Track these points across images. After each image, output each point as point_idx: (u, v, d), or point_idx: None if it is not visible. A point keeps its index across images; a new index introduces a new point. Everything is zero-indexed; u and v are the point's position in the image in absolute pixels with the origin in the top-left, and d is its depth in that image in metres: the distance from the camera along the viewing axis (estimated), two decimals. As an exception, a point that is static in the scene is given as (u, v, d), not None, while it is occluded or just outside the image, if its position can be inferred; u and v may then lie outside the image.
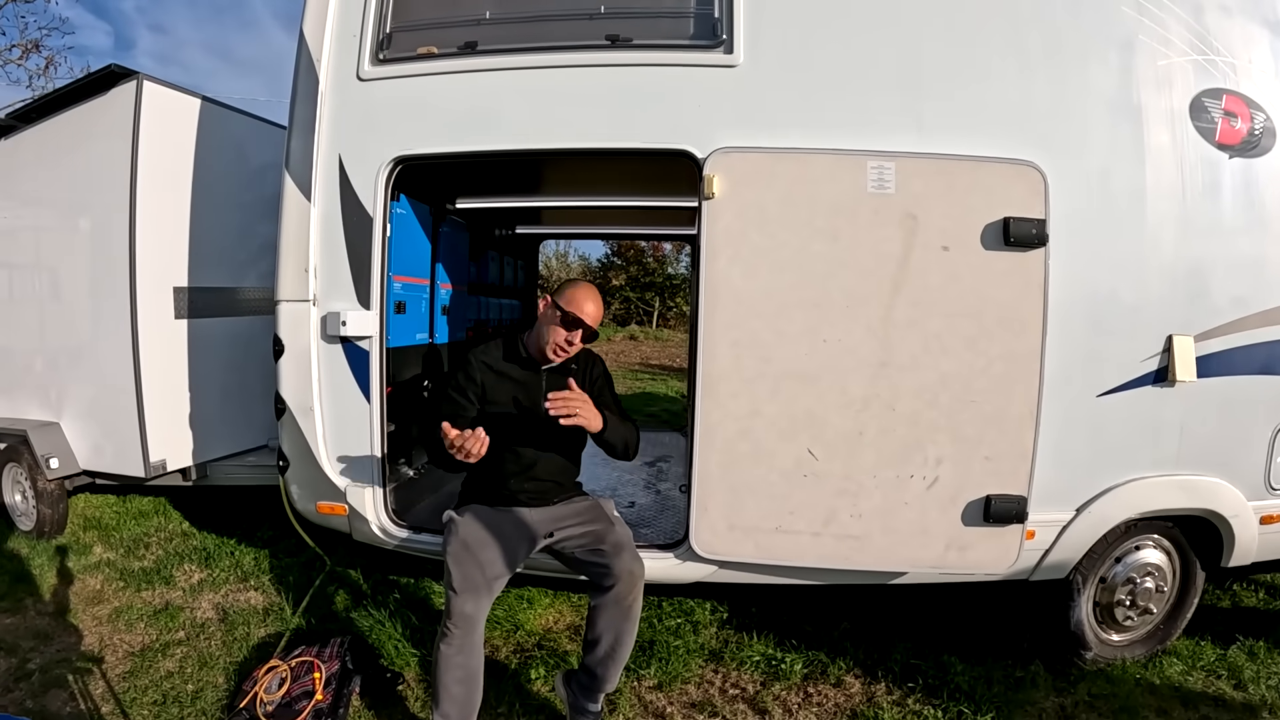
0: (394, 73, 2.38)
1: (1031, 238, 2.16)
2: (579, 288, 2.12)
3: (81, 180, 3.44)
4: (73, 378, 3.59)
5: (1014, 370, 2.18)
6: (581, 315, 2.04)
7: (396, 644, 2.58)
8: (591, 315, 2.06)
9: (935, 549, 2.22)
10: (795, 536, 2.19)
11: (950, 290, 2.15)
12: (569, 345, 2.06)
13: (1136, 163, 2.31)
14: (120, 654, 2.65)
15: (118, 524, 3.79)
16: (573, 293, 2.09)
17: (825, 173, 2.13)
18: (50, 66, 10.49)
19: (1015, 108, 2.26)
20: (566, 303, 2.06)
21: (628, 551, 2.06)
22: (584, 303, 2.06)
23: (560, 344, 2.06)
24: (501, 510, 2.18)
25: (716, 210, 2.15)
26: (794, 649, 2.59)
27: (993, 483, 2.20)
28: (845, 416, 2.15)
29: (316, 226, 2.41)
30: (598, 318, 2.08)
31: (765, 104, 2.21)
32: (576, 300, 2.06)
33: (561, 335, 2.05)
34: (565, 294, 2.09)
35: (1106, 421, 2.32)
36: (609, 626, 2.04)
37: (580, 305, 2.05)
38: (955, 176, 2.16)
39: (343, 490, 2.46)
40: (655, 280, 19.06)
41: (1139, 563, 2.56)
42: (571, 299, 2.07)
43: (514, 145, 2.28)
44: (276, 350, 2.46)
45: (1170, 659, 2.60)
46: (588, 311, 2.05)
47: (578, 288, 2.12)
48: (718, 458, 2.18)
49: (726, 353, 2.15)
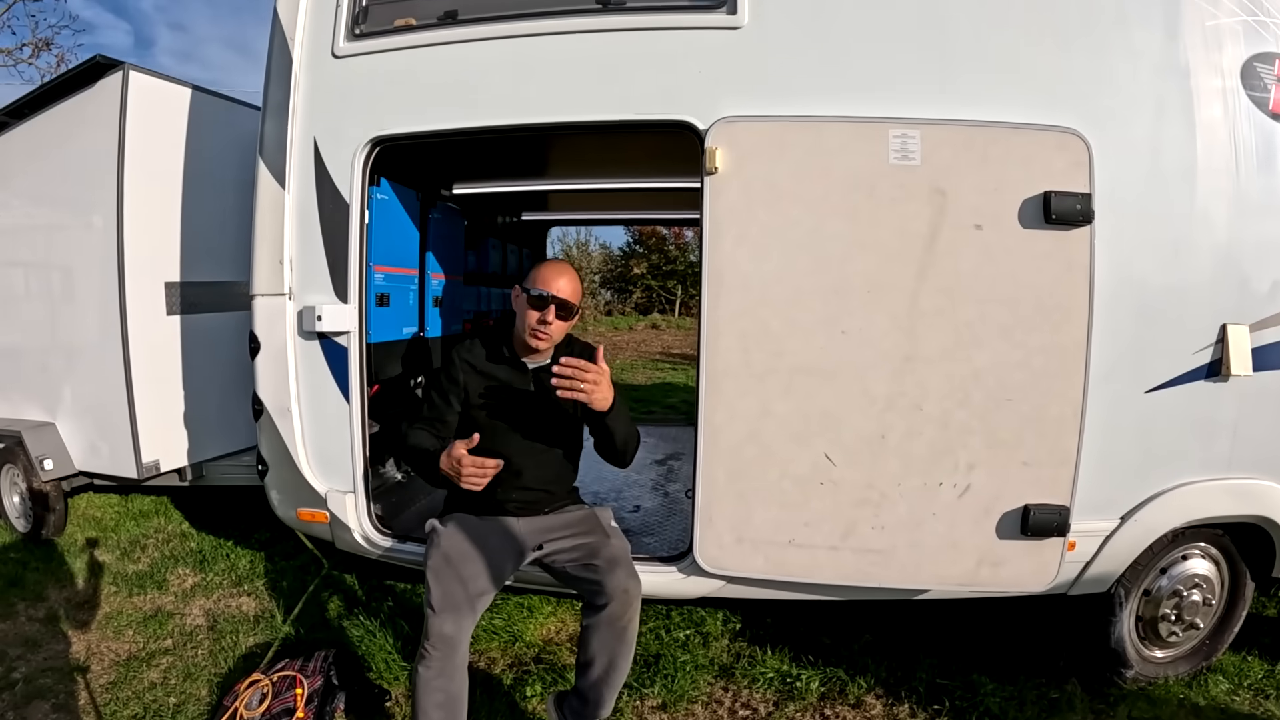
0: (370, 48, 2.11)
1: (1075, 214, 1.84)
2: (545, 264, 1.87)
3: (70, 175, 3.23)
4: (66, 377, 3.39)
5: (1055, 364, 1.87)
6: (547, 289, 1.78)
7: (387, 656, 2.34)
8: (562, 288, 1.80)
9: (966, 565, 1.92)
10: (810, 551, 1.90)
11: (984, 274, 1.84)
12: (544, 326, 1.80)
13: (1185, 132, 1.99)
14: (106, 662, 2.46)
15: (117, 525, 3.60)
16: (538, 271, 1.84)
17: (841, 143, 1.83)
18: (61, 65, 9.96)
19: (1052, 69, 1.94)
20: (532, 282, 1.82)
21: (623, 568, 1.79)
22: (550, 278, 1.80)
23: (534, 326, 1.80)
24: (488, 520, 1.93)
25: (720, 186, 1.85)
26: (810, 665, 2.31)
27: (1031, 491, 1.90)
28: (866, 417, 1.85)
29: (291, 215, 2.16)
30: (571, 291, 1.81)
31: (772, 68, 1.91)
32: (542, 277, 1.81)
33: (534, 317, 1.80)
34: (531, 274, 1.85)
35: (1155, 421, 2.01)
36: (602, 649, 1.78)
37: (546, 280, 1.80)
38: (988, 146, 1.85)
39: (323, 496, 2.21)
40: (677, 268, 18.49)
41: (1185, 574, 2.25)
42: (536, 277, 1.82)
43: (499, 121, 2.00)
44: (253, 348, 2.22)
45: (1215, 677, 2.30)
46: (556, 285, 1.79)
47: (543, 265, 1.87)
48: (724, 463, 1.89)
49: (733, 345, 1.85)
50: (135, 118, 2.96)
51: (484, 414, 1.90)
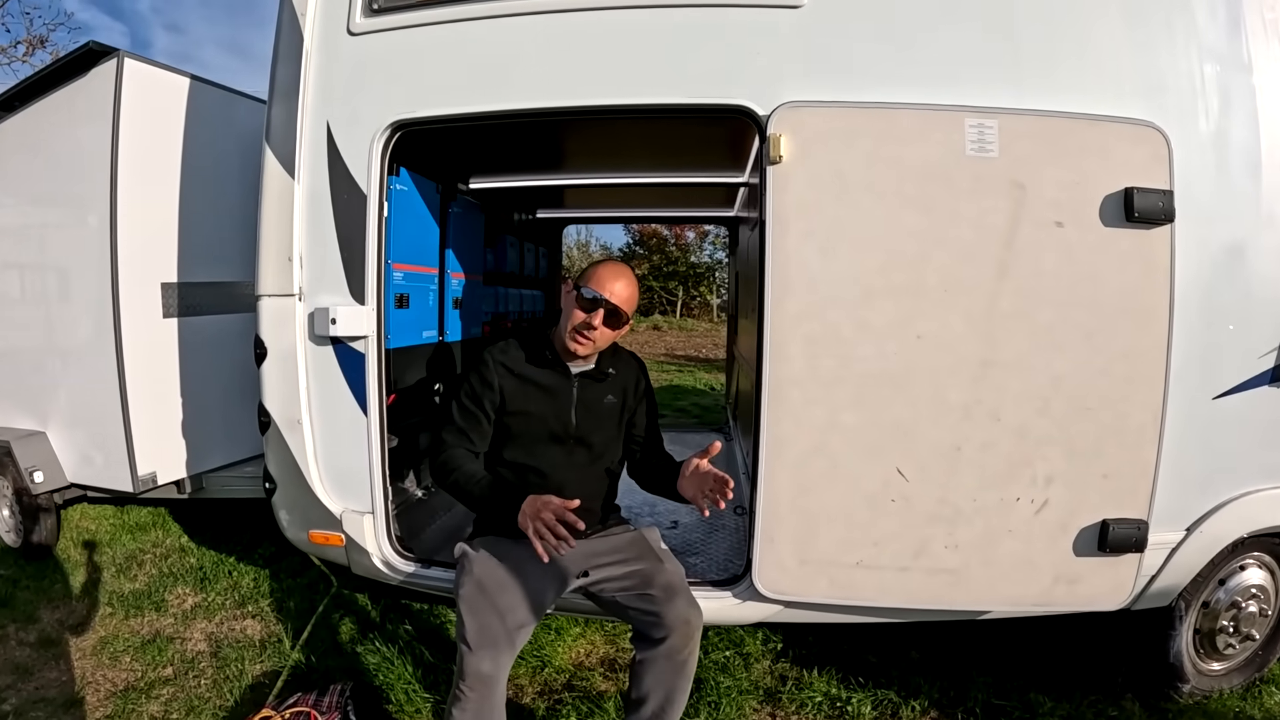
0: (390, 24, 1.81)
1: (1158, 212, 1.61)
2: (602, 264, 1.61)
3: (61, 169, 2.86)
4: (57, 384, 3.01)
5: (1137, 370, 1.64)
6: (600, 291, 1.53)
7: (407, 687, 2.04)
8: (617, 293, 1.54)
9: (1041, 583, 1.68)
10: (879, 572, 1.64)
11: (1064, 274, 1.60)
12: (589, 330, 1.54)
13: (1250, 126, 1.79)
14: (102, 693, 2.12)
15: (112, 539, 3.22)
16: (593, 269, 1.59)
17: (915, 131, 1.57)
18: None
19: (1123, 60, 1.71)
20: (585, 280, 1.56)
21: (682, 596, 1.52)
22: (606, 279, 1.54)
23: (578, 327, 1.54)
24: (525, 544, 1.63)
25: (784, 176, 1.58)
26: (859, 686, 2.05)
27: (1110, 505, 1.66)
28: (941, 428, 1.60)
29: (302, 207, 1.85)
30: (625, 297, 1.56)
31: (836, 50, 1.65)
32: (597, 276, 1.55)
33: (580, 317, 1.54)
34: (586, 273, 1.60)
35: (1223, 427, 1.80)
36: (658, 684, 1.51)
37: (600, 281, 1.54)
38: (1067, 138, 1.61)
39: (338, 517, 1.90)
40: (678, 269, 18.18)
41: (1243, 585, 2.04)
42: (591, 276, 1.56)
43: (533, 104, 1.71)
44: (258, 354, 1.90)
45: (1269, 688, 2.11)
46: (611, 288, 1.54)
47: (601, 264, 1.61)
48: (788, 478, 1.62)
49: (799, 351, 1.59)
50: (130, 108, 2.61)
51: (521, 422, 1.62)
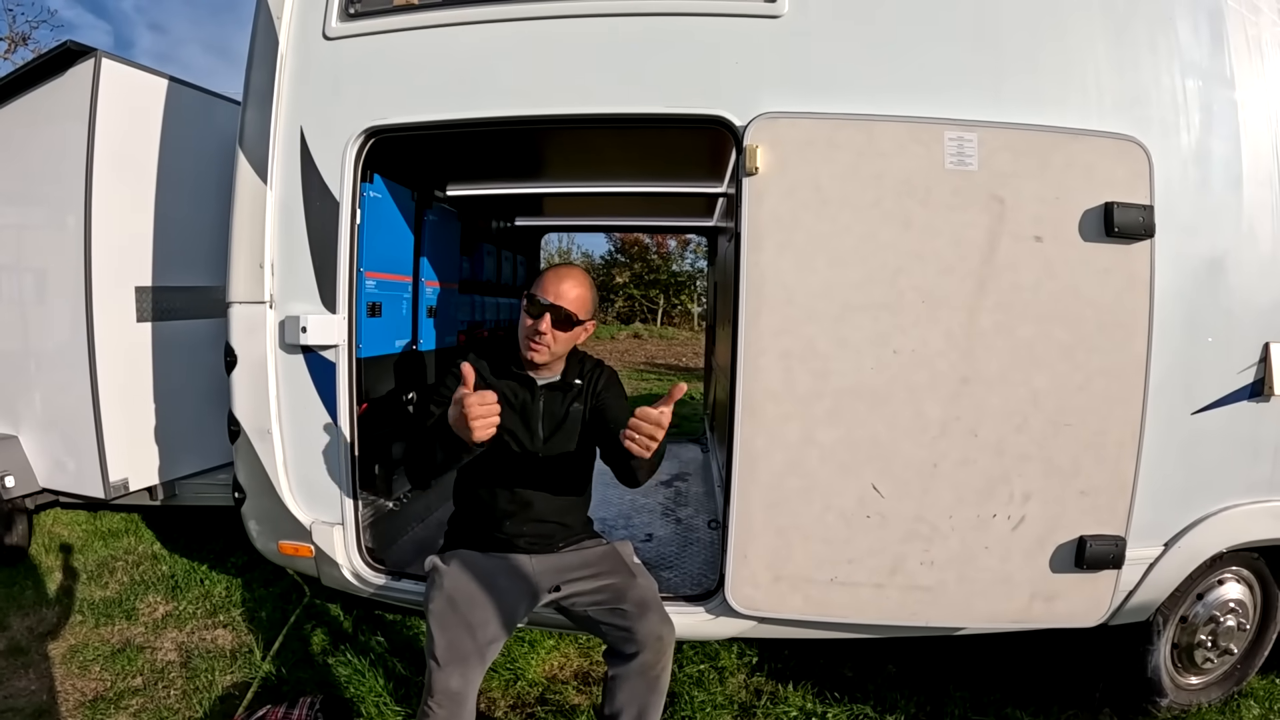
0: (366, 29, 1.77)
1: (1138, 227, 1.60)
2: (549, 269, 1.59)
3: (35, 170, 2.79)
4: (30, 387, 2.93)
5: (1116, 386, 1.62)
6: (546, 295, 1.50)
7: (378, 700, 1.99)
8: (563, 295, 1.50)
9: (1018, 601, 1.66)
10: (854, 589, 1.61)
11: (1044, 289, 1.58)
12: (538, 336, 1.51)
13: (1231, 142, 1.79)
14: (71, 703, 2.07)
15: (84, 545, 3.14)
16: (541, 275, 1.57)
17: (894, 144, 1.55)
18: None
19: (1105, 74, 1.70)
20: (533, 287, 1.54)
21: (654, 612, 1.49)
22: (551, 283, 1.52)
23: (528, 334, 1.52)
24: (495, 558, 1.60)
25: (760, 188, 1.55)
26: (835, 700, 2.02)
27: (1088, 521, 1.65)
28: (918, 444, 1.57)
29: (274, 213, 1.80)
30: (573, 299, 1.51)
31: (815, 61, 1.62)
32: (543, 281, 1.53)
33: (528, 323, 1.51)
34: (535, 279, 1.58)
35: (1201, 443, 1.80)
36: (632, 700, 1.48)
37: (545, 286, 1.52)
38: (1048, 152, 1.60)
39: (308, 528, 1.85)
40: (659, 277, 18.13)
41: (1221, 599, 2.03)
42: (538, 281, 1.55)
43: (508, 111, 1.67)
44: (228, 361, 1.85)
45: (1247, 701, 2.10)
46: (556, 291, 1.50)
47: (549, 269, 1.60)
48: (762, 494, 1.59)
49: (775, 365, 1.56)
50: (107, 109, 2.55)
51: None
